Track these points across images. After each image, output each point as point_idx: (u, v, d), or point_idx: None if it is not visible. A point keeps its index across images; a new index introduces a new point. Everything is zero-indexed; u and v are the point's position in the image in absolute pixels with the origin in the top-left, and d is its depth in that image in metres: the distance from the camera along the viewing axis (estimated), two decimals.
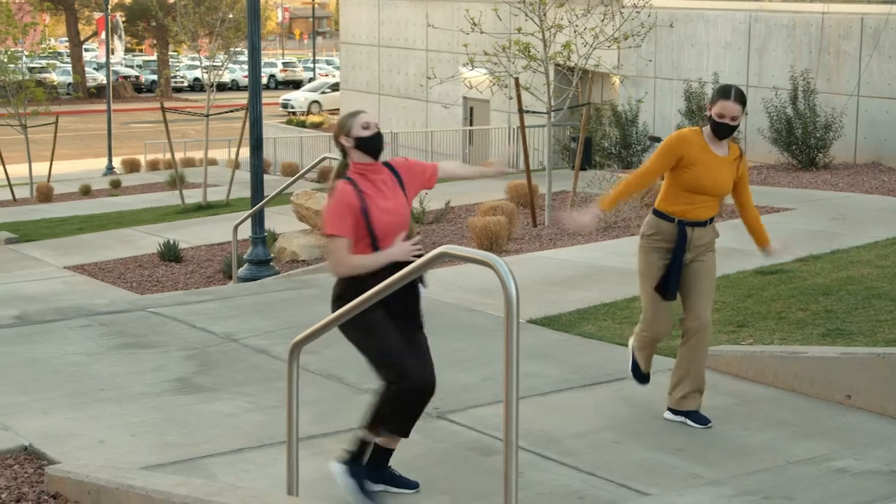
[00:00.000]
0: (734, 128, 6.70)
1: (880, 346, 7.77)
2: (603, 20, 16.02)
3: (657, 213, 6.91)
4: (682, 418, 6.93)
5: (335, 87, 57.25)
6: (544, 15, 15.90)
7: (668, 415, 7.00)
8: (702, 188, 6.73)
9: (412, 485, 5.97)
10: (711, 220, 6.88)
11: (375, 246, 5.73)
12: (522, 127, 16.58)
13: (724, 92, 6.71)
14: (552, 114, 16.28)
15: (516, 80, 15.85)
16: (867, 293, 9.62)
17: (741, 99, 6.68)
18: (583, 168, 18.19)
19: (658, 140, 22.95)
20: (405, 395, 5.63)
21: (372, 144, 5.92)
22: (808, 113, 19.97)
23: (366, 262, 5.70)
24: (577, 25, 15.84)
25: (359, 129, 5.93)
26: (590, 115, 20.97)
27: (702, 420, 6.87)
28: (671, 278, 6.81)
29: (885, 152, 20.08)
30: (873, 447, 5.75)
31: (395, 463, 6.33)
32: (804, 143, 19.98)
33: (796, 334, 8.53)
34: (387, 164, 5.98)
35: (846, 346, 7.85)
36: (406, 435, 5.81)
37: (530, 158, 17.14)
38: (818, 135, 19.89)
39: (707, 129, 6.80)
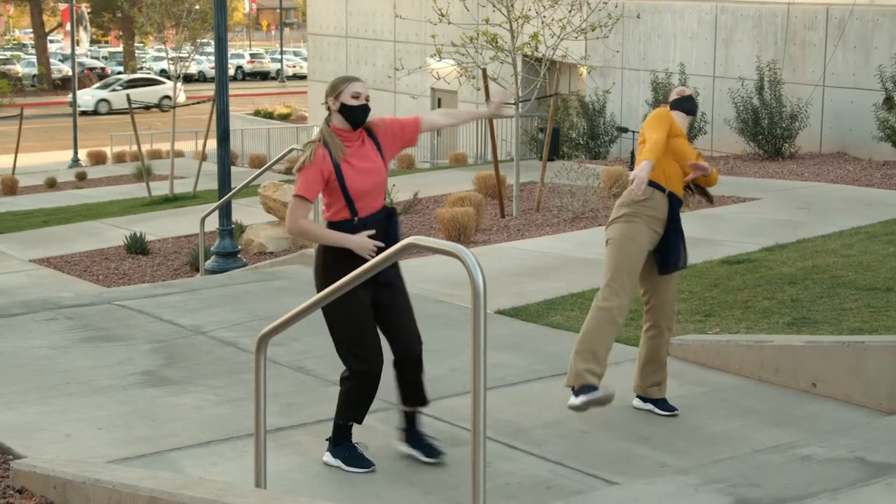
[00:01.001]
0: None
1: (845, 335, 7.82)
2: (570, 11, 16.03)
3: (650, 182, 6.83)
4: (649, 406, 6.97)
5: (130, 84, 55.48)
6: (512, 6, 15.89)
7: (636, 402, 7.04)
8: (684, 156, 6.88)
9: (435, 453, 6.19)
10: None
11: (352, 209, 5.94)
12: (490, 118, 16.57)
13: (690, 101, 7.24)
14: (520, 105, 16.29)
15: (484, 71, 15.85)
16: (832, 282, 9.68)
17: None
18: (550, 159, 18.21)
19: (625, 130, 23.03)
20: (364, 381, 6.00)
21: (355, 114, 6.04)
22: (774, 103, 20.06)
23: (315, 233, 6.03)
24: (544, 16, 15.84)
25: (348, 96, 6.03)
26: (557, 106, 21.00)
27: (668, 408, 6.91)
28: (676, 249, 6.81)
29: (849, 142, 20.20)
30: (838, 435, 5.79)
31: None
32: (770, 134, 20.08)
33: (762, 323, 8.57)
34: (365, 127, 6.04)
35: (812, 335, 7.89)
36: (360, 422, 6.11)
37: (498, 149, 17.14)
38: (784, 125, 19.99)
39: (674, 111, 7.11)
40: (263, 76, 79.94)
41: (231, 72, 60.09)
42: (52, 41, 74.43)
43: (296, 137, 37.90)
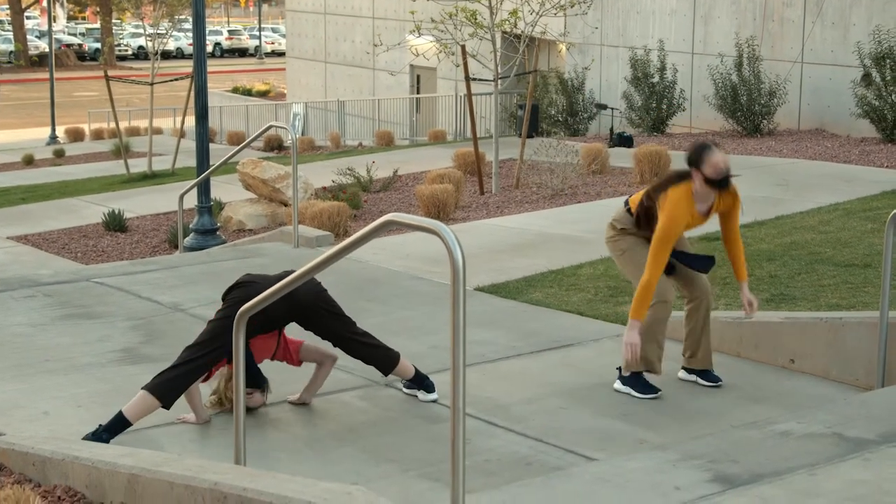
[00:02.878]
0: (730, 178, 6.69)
1: (823, 311, 7.86)
2: None
3: (631, 212, 6.93)
4: (694, 377, 7.09)
5: None
6: None
7: (682, 374, 7.13)
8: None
9: (429, 386, 6.84)
10: None
11: None
12: (469, 95, 16.56)
13: (707, 148, 6.62)
14: (499, 81, 16.27)
15: (463, 47, 15.82)
16: (810, 258, 9.72)
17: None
18: (530, 135, 18.20)
19: (604, 107, 23.00)
20: None
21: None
22: (753, 80, 20.09)
23: None
24: None
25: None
26: (536, 83, 20.98)
27: (713, 378, 7.03)
28: (687, 259, 6.90)
29: (828, 119, 20.24)
30: (816, 410, 5.82)
31: (341, 429, 6.35)
32: (749, 110, 20.11)
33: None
34: None
35: (790, 311, 7.93)
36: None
37: (477, 126, 17.12)
38: (763, 101, 20.02)
39: (697, 185, 6.67)
40: (242, 53, 79.63)
41: (209, 48, 59.84)
42: (28, 17, 73.90)
43: (274, 114, 37.79)
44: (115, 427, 6.21)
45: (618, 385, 6.99)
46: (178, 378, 6.32)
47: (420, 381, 6.88)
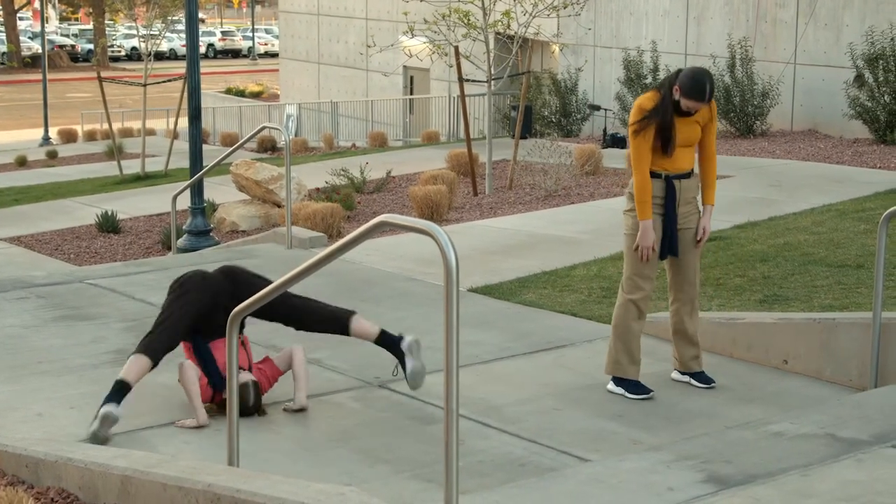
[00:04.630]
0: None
1: (816, 312, 7.87)
2: None
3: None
4: (687, 378, 7.07)
5: None
6: None
7: (675, 375, 7.12)
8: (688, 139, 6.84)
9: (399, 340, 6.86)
10: (692, 171, 6.96)
11: None
12: (462, 96, 16.56)
13: (698, 90, 6.67)
14: (492, 82, 16.28)
15: (456, 48, 15.82)
16: (804, 259, 9.73)
17: (712, 98, 6.76)
18: (523, 137, 18.21)
19: (598, 108, 23.04)
20: None
21: None
22: (746, 81, 20.11)
23: None
24: None
25: None
26: (530, 84, 20.99)
27: (706, 380, 7.02)
28: (670, 236, 6.86)
29: (821, 120, 20.26)
30: (809, 411, 5.83)
31: (334, 430, 6.35)
32: (742, 111, 20.13)
33: (734, 300, 8.61)
34: None
35: (783, 312, 7.94)
36: None
37: (471, 127, 17.13)
38: (756, 102, 20.04)
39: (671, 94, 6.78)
40: (235, 54, 79.59)
41: (202, 49, 59.75)
42: (21, 18, 73.82)
43: (268, 115, 37.77)
44: (119, 393, 6.39)
45: (611, 386, 6.99)
46: (160, 335, 6.61)
47: (392, 343, 6.89)
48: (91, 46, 70.65)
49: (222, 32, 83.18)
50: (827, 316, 7.28)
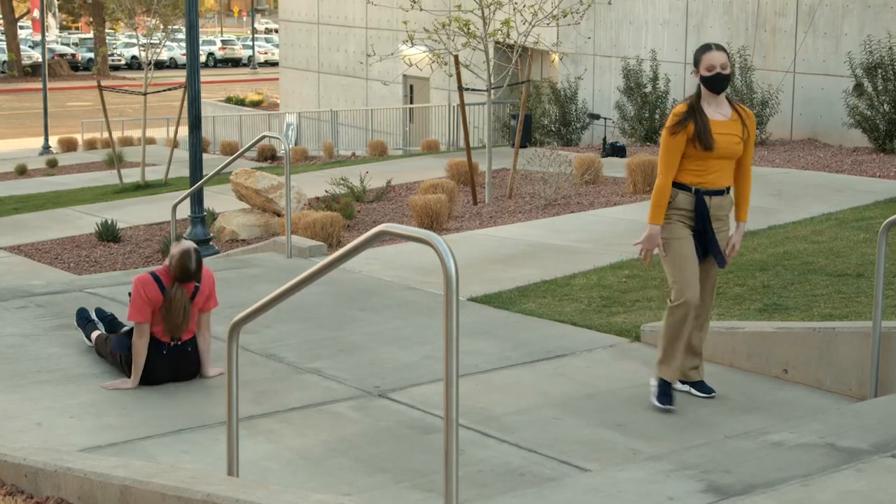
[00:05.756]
0: (728, 76, 6.69)
1: (816, 321, 7.86)
2: None
3: (674, 183, 6.74)
4: (687, 388, 7.03)
5: None
6: None
7: (676, 384, 7.02)
8: (709, 153, 6.67)
9: None
10: (728, 189, 6.82)
11: None
12: (462, 104, 16.58)
13: (705, 47, 6.72)
14: (492, 91, 16.29)
15: (456, 57, 15.84)
16: (803, 268, 9.73)
17: (722, 48, 6.73)
18: (523, 145, 18.22)
19: (597, 117, 23.04)
20: None
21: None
22: (745, 90, 20.13)
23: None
24: (516, 2, 15.85)
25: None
26: (529, 93, 21.00)
27: (706, 390, 6.99)
28: (711, 245, 6.75)
29: (820, 129, 20.28)
30: (809, 420, 5.82)
31: (333, 440, 6.34)
32: None
33: (734, 309, 8.61)
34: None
35: (783, 321, 7.93)
36: None
37: (470, 136, 17.14)
38: (755, 111, 20.05)
39: (702, 91, 6.72)
40: (235, 63, 79.69)
41: (202, 58, 59.76)
42: (21, 27, 73.91)
43: (267, 124, 37.80)
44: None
45: (677, 385, 6.99)
46: None
47: None
48: (91, 55, 70.73)
49: (222, 41, 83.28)
50: (827, 325, 7.28)
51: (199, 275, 7.50)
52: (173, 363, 7.48)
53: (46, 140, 37.93)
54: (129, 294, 7.49)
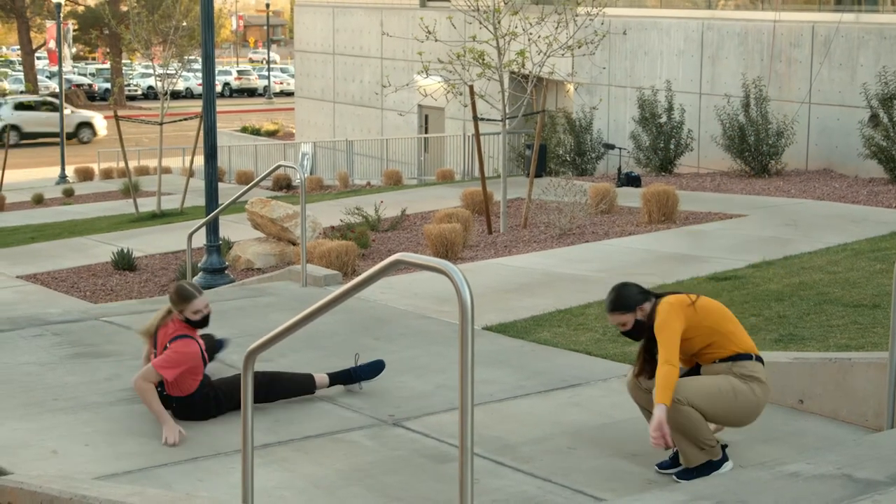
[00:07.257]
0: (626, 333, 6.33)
1: (832, 351, 7.84)
2: (557, 28, 16.08)
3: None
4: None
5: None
6: (498, 23, 15.94)
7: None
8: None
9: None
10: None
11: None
12: (477, 134, 16.61)
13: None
14: (507, 121, 16.32)
15: (471, 87, 15.88)
16: (819, 299, 9.71)
17: (613, 308, 6.24)
18: (538, 175, 18.24)
19: (612, 147, 23.06)
20: None
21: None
22: (761, 120, 20.13)
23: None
24: (531, 33, 15.89)
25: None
26: (544, 123, 21.04)
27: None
28: None
29: (836, 159, 20.27)
30: (825, 451, 5.80)
31: (348, 468, 6.33)
32: (756, 150, 20.14)
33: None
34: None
35: (799, 352, 7.91)
36: None
37: (485, 166, 17.17)
38: (770, 142, 20.05)
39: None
40: (251, 93, 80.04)
41: (218, 88, 60.07)
42: (38, 58, 74.40)
43: (283, 154, 37.92)
44: None
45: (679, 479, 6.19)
46: None
47: (349, 378, 7.79)
48: (108, 85, 71.09)
49: (238, 71, 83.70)
50: (843, 356, 7.26)
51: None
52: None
53: (63, 169, 38.10)
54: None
